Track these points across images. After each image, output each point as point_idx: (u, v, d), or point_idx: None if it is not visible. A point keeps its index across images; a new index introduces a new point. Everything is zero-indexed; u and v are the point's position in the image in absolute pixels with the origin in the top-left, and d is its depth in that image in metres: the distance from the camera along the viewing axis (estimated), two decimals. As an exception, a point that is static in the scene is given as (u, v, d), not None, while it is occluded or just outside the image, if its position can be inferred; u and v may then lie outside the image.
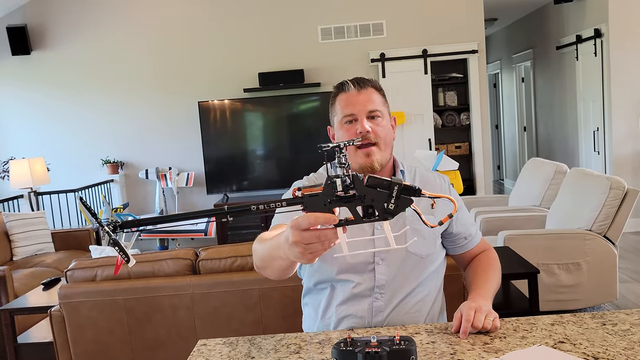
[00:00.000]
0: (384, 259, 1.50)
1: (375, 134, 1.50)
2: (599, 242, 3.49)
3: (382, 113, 1.53)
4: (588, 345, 1.22)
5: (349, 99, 1.53)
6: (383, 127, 1.53)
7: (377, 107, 1.53)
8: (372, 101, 1.52)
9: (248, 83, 6.19)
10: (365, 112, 1.51)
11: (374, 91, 1.55)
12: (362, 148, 1.50)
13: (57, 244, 4.73)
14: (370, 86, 1.55)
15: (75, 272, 2.61)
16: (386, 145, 1.53)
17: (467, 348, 1.25)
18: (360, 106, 1.51)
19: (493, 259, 1.63)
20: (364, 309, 1.49)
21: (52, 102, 6.38)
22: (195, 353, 1.35)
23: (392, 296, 1.50)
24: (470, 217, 1.68)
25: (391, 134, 1.57)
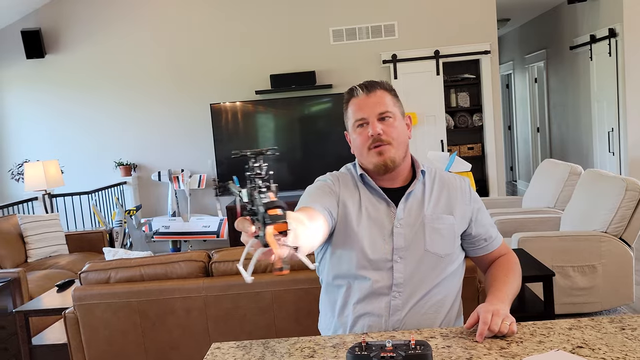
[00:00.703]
0: (403, 257, 1.50)
1: (387, 134, 1.53)
2: (615, 244, 3.45)
3: (393, 114, 1.55)
4: (607, 351, 1.20)
5: (359, 103, 1.56)
6: (395, 127, 1.54)
7: (387, 109, 1.54)
8: (381, 103, 1.54)
9: (260, 85, 6.20)
10: (375, 114, 1.53)
11: (383, 93, 1.57)
12: (375, 147, 1.52)
13: (71, 245, 4.76)
14: (379, 88, 1.57)
15: (89, 274, 2.62)
16: (400, 144, 1.55)
17: (483, 353, 1.23)
18: (370, 109, 1.54)
19: (514, 263, 1.61)
20: (381, 307, 1.49)
21: (66, 104, 6.44)
22: (209, 356, 1.35)
23: (410, 295, 1.50)
24: (490, 219, 1.67)
25: (405, 133, 1.59)
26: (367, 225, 1.51)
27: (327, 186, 1.58)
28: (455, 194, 1.60)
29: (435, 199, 1.57)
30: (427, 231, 1.52)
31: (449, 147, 6.52)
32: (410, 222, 1.53)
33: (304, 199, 1.55)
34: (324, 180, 1.62)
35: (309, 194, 1.56)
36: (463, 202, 1.59)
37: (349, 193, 1.57)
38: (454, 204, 1.58)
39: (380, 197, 1.56)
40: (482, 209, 1.63)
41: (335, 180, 1.60)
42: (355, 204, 1.55)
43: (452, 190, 1.60)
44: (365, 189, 1.58)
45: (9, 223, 4.53)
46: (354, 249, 1.50)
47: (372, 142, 1.52)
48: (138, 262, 2.64)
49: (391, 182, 1.58)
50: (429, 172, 1.62)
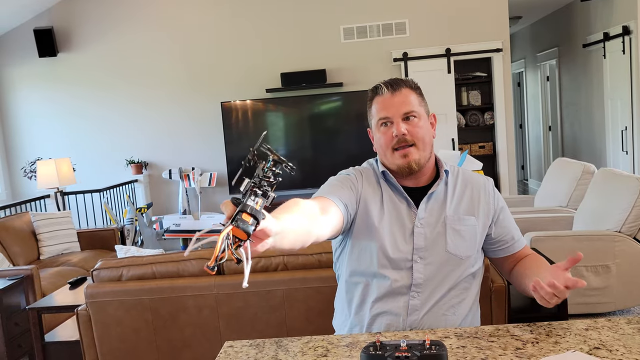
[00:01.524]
0: (423, 257, 1.49)
1: (412, 135, 1.50)
2: (629, 244, 3.41)
3: (418, 113, 1.52)
4: (625, 352, 1.18)
5: (384, 102, 1.53)
6: (420, 127, 1.52)
7: (412, 108, 1.52)
8: (407, 102, 1.52)
9: (270, 83, 6.20)
10: (400, 114, 1.51)
11: (409, 92, 1.54)
12: (399, 150, 1.50)
13: (82, 243, 4.79)
14: (404, 87, 1.54)
15: (101, 272, 2.63)
16: (425, 145, 1.52)
17: (498, 353, 1.22)
18: (395, 109, 1.51)
19: (545, 262, 1.56)
20: (399, 306, 1.48)
21: (78, 102, 6.47)
22: (222, 355, 1.35)
23: (429, 296, 1.48)
24: (513, 221, 1.64)
25: (430, 134, 1.56)
26: (388, 224, 1.50)
27: (349, 180, 1.56)
28: (479, 195, 1.58)
29: (457, 199, 1.55)
30: (448, 232, 1.51)
31: (460, 146, 6.49)
32: (431, 222, 1.51)
33: (324, 188, 1.54)
34: (346, 173, 1.60)
35: (329, 185, 1.55)
36: (486, 203, 1.57)
37: (372, 189, 1.56)
38: (477, 204, 1.56)
39: (401, 196, 1.54)
40: (505, 210, 1.61)
41: (358, 175, 1.58)
42: (377, 201, 1.54)
43: (476, 190, 1.58)
44: (387, 186, 1.56)
45: (22, 220, 4.56)
46: (375, 247, 1.49)
47: (397, 143, 1.50)
48: (150, 260, 2.64)
49: (414, 181, 1.56)
50: (452, 171, 1.60)
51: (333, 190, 1.49)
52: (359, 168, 1.63)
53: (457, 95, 6.44)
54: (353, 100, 6.04)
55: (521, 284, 1.54)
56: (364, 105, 1.62)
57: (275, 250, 2.70)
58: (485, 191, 1.59)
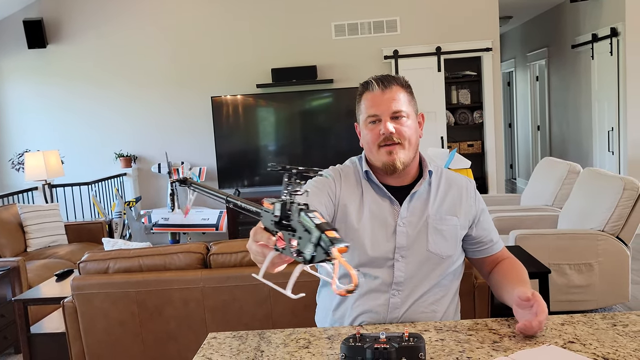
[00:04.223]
0: (404, 256, 1.50)
1: (399, 134, 1.50)
2: (612, 243, 3.46)
3: (407, 113, 1.52)
4: (598, 346, 1.21)
5: (374, 99, 1.52)
6: (408, 127, 1.52)
7: (401, 107, 1.51)
8: (396, 101, 1.51)
9: (261, 79, 6.21)
10: (389, 112, 1.50)
11: (399, 90, 1.53)
12: (385, 146, 1.50)
13: (70, 236, 4.78)
14: (395, 85, 1.53)
15: (88, 264, 2.64)
16: (411, 145, 1.53)
17: (476, 346, 1.25)
18: (384, 107, 1.51)
19: (522, 267, 1.57)
20: (380, 304, 1.49)
21: (67, 95, 6.44)
22: (206, 346, 1.37)
23: (410, 294, 1.50)
24: (492, 223, 1.65)
25: (417, 133, 1.56)
26: (369, 223, 1.50)
27: (326, 184, 1.55)
28: (461, 195, 1.58)
29: (440, 199, 1.56)
30: (430, 232, 1.52)
31: (449, 144, 6.53)
32: (413, 221, 1.52)
33: None
34: (325, 176, 1.59)
35: None
36: (468, 204, 1.59)
37: (350, 190, 1.55)
38: (459, 205, 1.57)
39: (384, 195, 1.54)
40: (485, 212, 1.63)
41: (336, 176, 1.58)
42: (356, 202, 1.54)
43: (458, 191, 1.59)
44: (369, 185, 1.56)
45: (9, 212, 4.54)
46: (355, 247, 1.49)
47: (383, 141, 1.50)
48: (137, 253, 2.65)
49: (398, 180, 1.56)
50: (436, 171, 1.61)
51: (311, 198, 1.49)
52: (339, 168, 1.62)
53: (446, 94, 6.48)
54: (343, 96, 6.06)
55: (498, 293, 1.56)
56: (354, 102, 1.62)
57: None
58: (467, 192, 1.60)
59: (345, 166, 1.63)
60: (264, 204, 1.03)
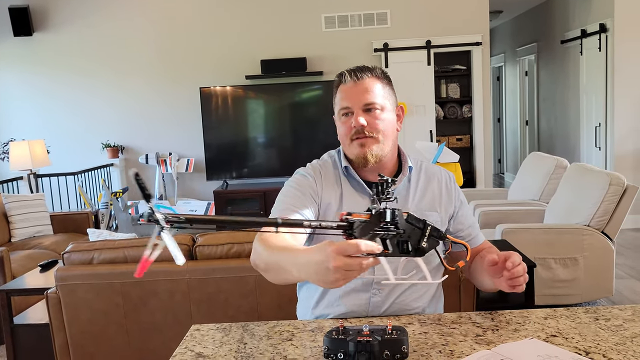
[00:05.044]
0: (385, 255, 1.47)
1: (371, 127, 1.46)
2: (597, 238, 3.49)
3: (380, 105, 1.47)
4: (580, 340, 1.22)
5: (346, 91, 1.49)
6: (382, 120, 1.47)
7: (374, 100, 1.46)
8: (369, 93, 1.46)
9: (250, 70, 6.17)
10: (360, 105, 1.46)
11: (373, 81, 1.48)
12: (357, 139, 1.47)
13: (55, 226, 4.73)
14: (370, 76, 1.49)
15: (72, 254, 2.61)
16: (386, 138, 1.48)
17: (459, 339, 1.25)
18: (356, 99, 1.46)
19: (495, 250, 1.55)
20: (361, 304, 1.47)
21: (53, 84, 6.37)
22: (188, 338, 1.36)
23: (391, 292, 1.47)
24: (471, 217, 1.63)
25: (393, 126, 1.52)
26: None
27: (308, 187, 1.50)
28: (440, 189, 1.56)
29: (420, 195, 1.53)
30: None
31: (438, 138, 6.54)
32: None
33: (285, 200, 1.48)
34: (304, 175, 1.54)
35: (290, 196, 1.48)
36: (448, 198, 1.56)
37: (331, 188, 1.52)
38: (439, 199, 1.55)
39: (363, 191, 1.51)
40: (465, 206, 1.60)
41: (317, 175, 1.53)
42: (336, 200, 1.50)
43: (437, 185, 1.56)
44: (348, 181, 1.53)
45: (-7, 202, 4.49)
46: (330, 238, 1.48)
47: (355, 134, 1.47)
48: (122, 244, 2.63)
49: (376, 175, 1.53)
50: (416, 165, 1.57)
51: (295, 203, 1.45)
52: (318, 165, 1.57)
53: (436, 88, 6.48)
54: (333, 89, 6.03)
55: (477, 282, 1.54)
56: None
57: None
58: (446, 186, 1.58)
59: (323, 162, 1.59)
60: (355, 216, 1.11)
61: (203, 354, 1.25)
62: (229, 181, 6.24)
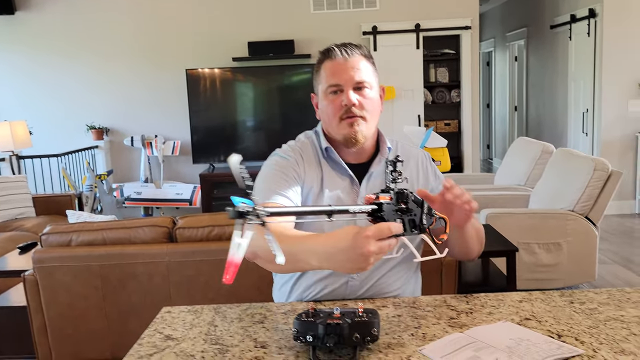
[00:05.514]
0: None
1: (362, 106, 1.42)
2: (581, 223, 3.49)
3: (370, 84, 1.44)
4: (553, 323, 1.21)
5: (335, 67, 1.43)
6: (370, 99, 1.44)
7: (365, 78, 1.43)
8: (360, 70, 1.43)
9: (237, 52, 6.09)
10: (352, 82, 1.42)
11: (362, 59, 1.45)
12: (347, 118, 1.43)
13: (38, 208, 4.67)
14: (359, 54, 1.45)
15: (50, 236, 2.57)
16: (373, 118, 1.46)
17: (432, 322, 1.23)
18: (347, 76, 1.42)
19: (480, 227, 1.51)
20: (338, 287, 1.44)
21: (35, 64, 6.25)
22: (158, 320, 1.33)
23: (368, 276, 1.45)
24: None
25: (379, 106, 1.49)
26: (326, 204, 1.42)
27: (291, 169, 1.45)
28: (417, 169, 1.54)
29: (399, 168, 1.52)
30: None
31: (426, 122, 6.52)
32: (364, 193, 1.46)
33: (268, 184, 1.42)
34: (284, 157, 1.49)
35: (273, 180, 1.43)
36: (424, 178, 1.54)
37: (312, 171, 1.48)
38: (416, 180, 1.52)
39: (344, 173, 1.48)
40: (440, 180, 1.56)
41: (298, 158, 1.49)
42: (317, 183, 1.47)
43: (414, 165, 1.54)
44: (328, 164, 1.49)
45: (-26, 183, 4.42)
46: (315, 230, 1.41)
47: (345, 113, 1.42)
48: (100, 226, 2.59)
49: (356, 157, 1.49)
50: (394, 147, 1.55)
51: (279, 187, 1.41)
52: (298, 147, 1.53)
53: (425, 72, 6.44)
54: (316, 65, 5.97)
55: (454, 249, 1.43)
56: None
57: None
58: (422, 165, 1.56)
59: (302, 143, 1.55)
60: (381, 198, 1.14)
61: (172, 337, 1.23)
62: (216, 164, 6.19)
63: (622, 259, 4.33)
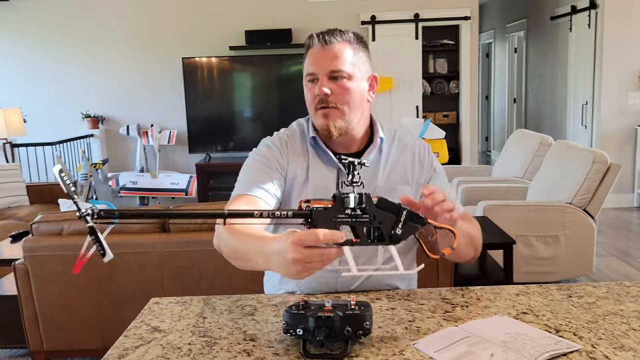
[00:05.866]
0: None
1: (335, 96, 1.35)
2: (579, 216, 3.46)
3: (348, 73, 1.35)
4: (551, 317, 1.18)
5: (313, 56, 1.37)
6: (347, 89, 1.35)
7: (341, 67, 1.35)
8: (337, 59, 1.35)
9: (234, 41, 6.02)
10: (326, 71, 1.35)
11: (344, 46, 1.36)
12: (321, 109, 1.37)
13: (32, 197, 4.63)
14: (340, 40, 1.36)
15: (41, 225, 2.54)
16: (352, 110, 1.37)
17: (426, 316, 1.20)
18: (322, 64, 1.35)
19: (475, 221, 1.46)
20: (329, 282, 1.40)
21: (30, 51, 6.18)
22: (146, 311, 1.30)
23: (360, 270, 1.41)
24: (448, 189, 1.52)
25: (361, 96, 1.39)
26: (312, 195, 1.36)
27: (273, 158, 1.41)
28: (413, 160, 1.47)
29: (391, 167, 1.44)
30: (378, 192, 1.40)
31: (424, 114, 6.46)
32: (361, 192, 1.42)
33: (248, 174, 1.40)
34: (269, 146, 1.45)
35: (253, 169, 1.40)
36: (420, 167, 1.48)
37: (297, 160, 1.43)
38: (411, 171, 1.46)
39: (332, 164, 1.42)
40: (440, 176, 1.50)
41: (283, 146, 1.44)
42: (303, 172, 1.42)
43: (411, 155, 1.47)
44: (315, 152, 1.44)
45: (-33, 171, 4.38)
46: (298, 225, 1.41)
47: (319, 103, 1.37)
48: (92, 215, 2.55)
49: (345, 147, 1.43)
50: (388, 135, 1.48)
51: (260, 178, 1.37)
52: (286, 135, 1.49)
53: (423, 63, 6.37)
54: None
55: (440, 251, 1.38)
56: None
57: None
58: (419, 155, 1.49)
59: (291, 131, 1.51)
60: (313, 203, 1.03)
61: (159, 328, 1.19)
62: (212, 154, 6.15)
63: (619, 252, 4.30)
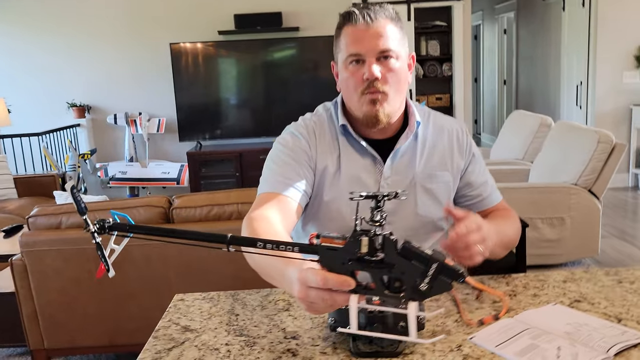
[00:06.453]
0: (391, 222, 1.27)
1: (385, 80, 1.24)
2: (584, 197, 3.43)
3: (396, 53, 1.25)
4: (608, 305, 1.11)
5: (356, 35, 1.24)
6: (396, 71, 1.25)
7: (391, 46, 1.24)
8: (384, 38, 1.23)
9: (223, 25, 5.87)
10: (375, 52, 1.23)
11: (388, 23, 1.25)
12: (369, 94, 1.25)
13: (20, 189, 4.48)
14: (384, 17, 1.25)
15: (38, 218, 2.43)
16: (398, 93, 1.27)
17: (474, 307, 1.13)
18: (369, 44, 1.23)
19: (513, 215, 1.41)
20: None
21: (13, 40, 5.97)
22: (172, 309, 1.21)
23: None
24: (485, 173, 1.44)
25: (406, 78, 1.30)
26: (347, 186, 1.28)
27: (300, 150, 1.31)
28: (452, 144, 1.37)
29: (428, 153, 1.35)
30: (418, 193, 1.32)
31: (418, 97, 6.40)
32: (398, 181, 1.31)
33: (274, 170, 1.29)
34: (295, 136, 1.33)
35: (280, 164, 1.30)
36: (459, 151, 1.38)
37: (328, 150, 1.33)
38: (450, 156, 1.36)
39: (365, 153, 1.32)
40: (476, 160, 1.42)
41: (311, 136, 1.33)
42: (334, 163, 1.32)
43: (448, 139, 1.37)
44: (347, 140, 1.33)
45: (-49, 164, 4.21)
46: (333, 216, 1.29)
47: (367, 87, 1.24)
48: (93, 207, 2.44)
49: (380, 132, 1.32)
50: (424, 119, 1.37)
51: (287, 173, 1.27)
52: (312, 122, 1.36)
53: (416, 45, 6.30)
54: (309, 46, 5.81)
55: None
56: (320, 52, 1.37)
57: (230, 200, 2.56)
58: (457, 138, 1.39)
59: (318, 117, 1.38)
60: (323, 241, 0.88)
61: (190, 328, 1.11)
62: (203, 142, 6.02)
63: (619, 232, 4.29)
